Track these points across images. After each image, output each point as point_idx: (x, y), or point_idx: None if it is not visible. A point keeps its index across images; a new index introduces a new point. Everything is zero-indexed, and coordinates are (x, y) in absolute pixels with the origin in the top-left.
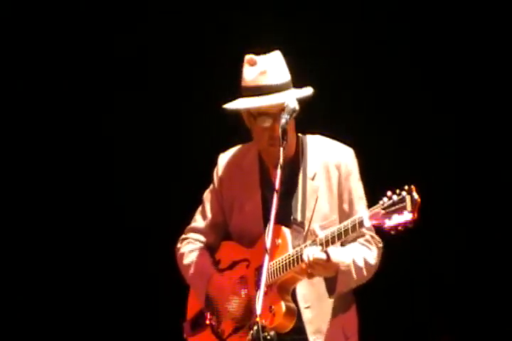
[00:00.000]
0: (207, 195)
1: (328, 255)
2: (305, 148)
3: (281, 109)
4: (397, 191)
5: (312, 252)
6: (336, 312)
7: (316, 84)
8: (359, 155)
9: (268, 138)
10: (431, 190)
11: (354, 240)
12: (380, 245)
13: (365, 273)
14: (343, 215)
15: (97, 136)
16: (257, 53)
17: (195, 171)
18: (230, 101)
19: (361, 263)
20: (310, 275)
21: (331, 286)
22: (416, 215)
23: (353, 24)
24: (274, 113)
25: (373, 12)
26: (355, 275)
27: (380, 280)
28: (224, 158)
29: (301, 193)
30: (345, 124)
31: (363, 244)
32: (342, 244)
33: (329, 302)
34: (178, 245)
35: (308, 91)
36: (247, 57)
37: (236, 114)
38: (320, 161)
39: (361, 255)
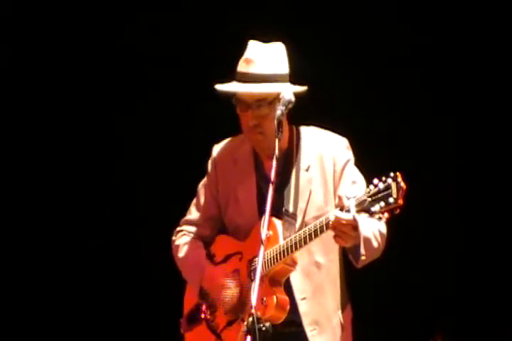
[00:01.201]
0: (201, 187)
1: (355, 218)
2: (299, 139)
3: (257, 99)
4: (383, 178)
5: (339, 213)
6: (334, 306)
7: (315, 80)
8: (354, 147)
9: (245, 126)
10: (429, 186)
11: None
12: (383, 220)
13: (380, 242)
14: None
15: (94, 131)
16: (264, 40)
17: (192, 161)
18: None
19: (377, 232)
20: (339, 238)
21: (355, 255)
22: (402, 202)
23: (353, 21)
24: (249, 102)
25: (374, 10)
26: (375, 244)
27: (374, 277)
28: (218, 150)
29: (295, 184)
30: (340, 116)
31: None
32: None
33: (326, 295)
34: (173, 237)
35: (298, 88)
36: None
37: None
38: (314, 152)
39: (375, 226)
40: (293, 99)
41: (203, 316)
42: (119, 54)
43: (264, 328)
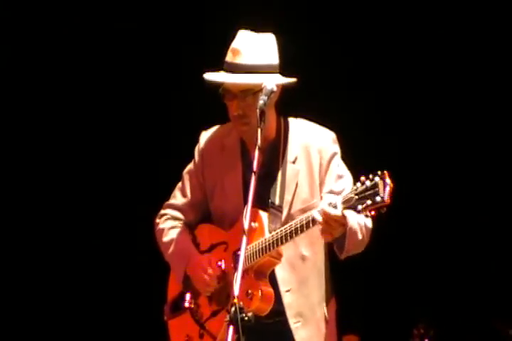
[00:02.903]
0: (187, 173)
1: (343, 214)
2: (287, 131)
3: (242, 90)
4: (370, 176)
5: (328, 209)
6: (319, 299)
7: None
8: (342, 141)
9: (231, 116)
10: (415, 182)
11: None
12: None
13: (365, 235)
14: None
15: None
16: (254, 30)
17: (177, 147)
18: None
19: (363, 225)
20: (325, 233)
21: (340, 246)
22: (388, 200)
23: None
24: (234, 92)
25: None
26: (360, 236)
27: (358, 270)
28: (206, 136)
29: (281, 176)
30: (328, 110)
31: None
32: None
33: (311, 287)
34: (157, 220)
35: (286, 79)
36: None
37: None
38: (301, 144)
39: (361, 218)
40: (275, 88)
41: (187, 305)
42: (113, 48)
43: (246, 318)
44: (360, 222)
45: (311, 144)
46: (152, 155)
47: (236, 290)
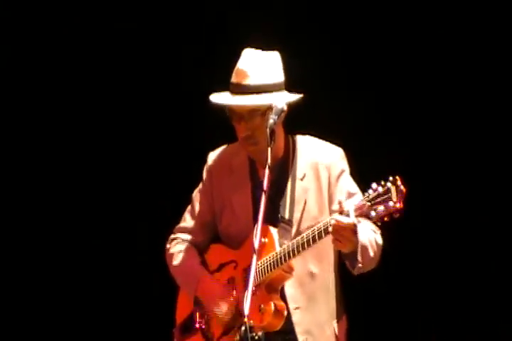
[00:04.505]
0: (196, 194)
1: (355, 222)
2: (295, 148)
3: (249, 110)
4: (382, 182)
5: (340, 218)
6: (328, 316)
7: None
8: (341, 142)
9: (239, 136)
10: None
11: None
12: (379, 232)
13: (376, 252)
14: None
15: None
16: (259, 48)
17: (186, 169)
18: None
19: (373, 241)
20: (337, 242)
21: (352, 262)
22: (402, 205)
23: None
24: (241, 113)
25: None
26: (371, 253)
27: (368, 288)
28: (214, 157)
29: (290, 194)
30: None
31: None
32: None
33: (319, 305)
34: (168, 245)
35: (292, 96)
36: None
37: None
38: (309, 162)
39: (372, 234)
40: (285, 108)
41: (197, 326)
42: (119, 54)
43: (256, 337)
44: (370, 239)
45: (319, 161)
46: (151, 154)
47: (246, 309)
